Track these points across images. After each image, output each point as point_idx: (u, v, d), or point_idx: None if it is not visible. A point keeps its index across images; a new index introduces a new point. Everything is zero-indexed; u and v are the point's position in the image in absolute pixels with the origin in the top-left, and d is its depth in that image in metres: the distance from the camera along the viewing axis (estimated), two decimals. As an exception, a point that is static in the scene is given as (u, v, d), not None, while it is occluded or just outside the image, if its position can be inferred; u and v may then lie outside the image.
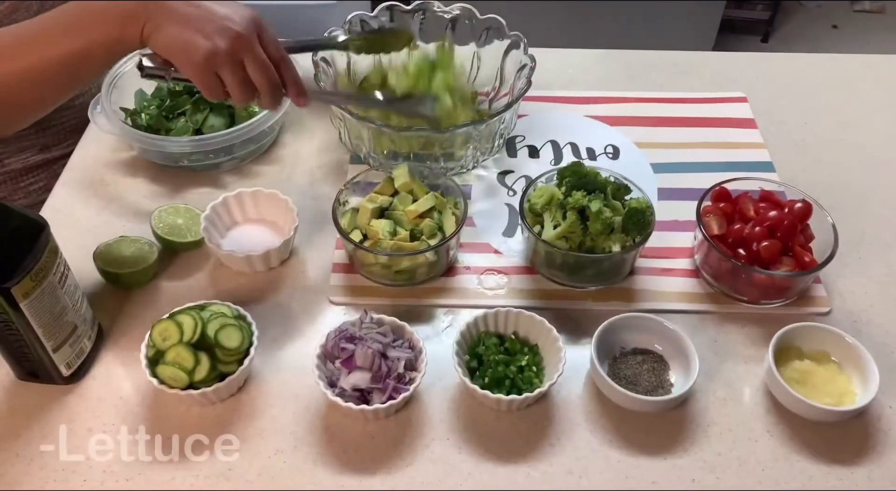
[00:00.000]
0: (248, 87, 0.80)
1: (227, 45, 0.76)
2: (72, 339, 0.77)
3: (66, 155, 1.07)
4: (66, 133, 1.14)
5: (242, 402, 0.80)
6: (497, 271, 0.92)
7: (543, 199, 0.89)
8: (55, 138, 1.14)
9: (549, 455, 0.76)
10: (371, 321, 0.81)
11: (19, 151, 1.12)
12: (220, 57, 0.76)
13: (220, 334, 0.76)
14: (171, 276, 0.91)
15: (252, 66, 0.79)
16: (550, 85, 1.18)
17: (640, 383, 0.80)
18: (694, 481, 0.75)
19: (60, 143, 1.14)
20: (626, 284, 0.91)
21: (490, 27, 1.07)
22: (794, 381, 0.79)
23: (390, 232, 0.88)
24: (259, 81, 0.80)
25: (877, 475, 0.75)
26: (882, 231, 0.98)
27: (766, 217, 0.87)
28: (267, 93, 0.81)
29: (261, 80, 0.80)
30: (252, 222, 0.96)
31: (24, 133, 1.11)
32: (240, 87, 0.79)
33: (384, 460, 0.75)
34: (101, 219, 0.97)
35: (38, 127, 0.88)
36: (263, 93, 0.81)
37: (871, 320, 0.88)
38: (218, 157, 1.01)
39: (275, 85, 0.81)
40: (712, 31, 2.46)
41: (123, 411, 0.79)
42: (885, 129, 1.13)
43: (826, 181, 1.04)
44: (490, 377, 0.78)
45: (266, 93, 0.81)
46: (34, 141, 1.13)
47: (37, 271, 0.70)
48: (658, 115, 1.14)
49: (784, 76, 1.23)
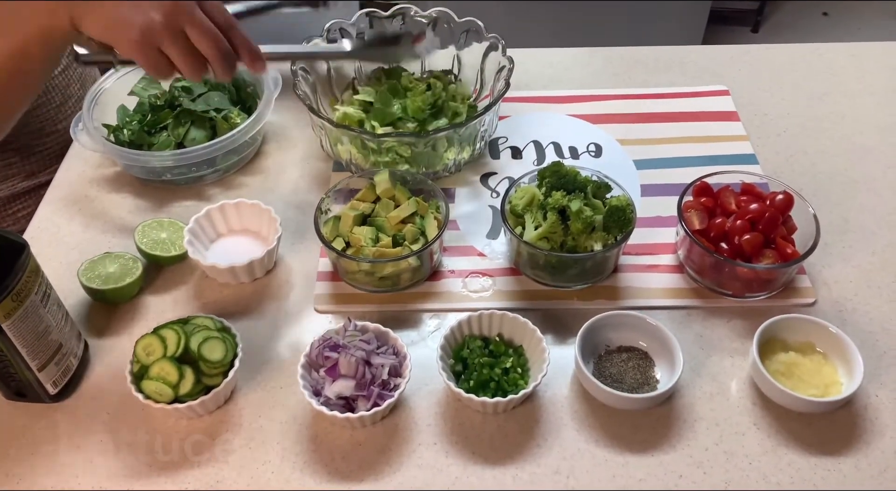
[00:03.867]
0: (195, 58, 0.74)
1: (162, 15, 0.70)
2: (57, 357, 0.78)
3: (52, 180, 1.08)
4: (52, 158, 1.14)
5: (230, 413, 0.80)
6: (482, 274, 0.92)
7: (524, 200, 0.89)
8: (40, 164, 1.15)
9: (537, 456, 0.76)
10: (355, 329, 0.81)
11: (5, 179, 1.12)
12: (158, 30, 0.71)
13: (203, 347, 0.76)
14: (156, 290, 0.91)
15: (195, 33, 0.73)
16: (532, 85, 1.18)
17: (625, 381, 0.80)
18: (682, 478, 0.75)
19: (45, 168, 1.14)
20: (610, 282, 0.91)
21: (469, 30, 1.08)
22: (780, 373, 0.79)
23: (372, 239, 0.88)
24: (206, 49, 0.74)
25: (864, 464, 0.75)
26: (866, 219, 0.98)
27: (747, 210, 0.87)
28: (217, 60, 0.75)
29: (207, 47, 0.74)
30: (236, 234, 0.96)
31: (10, 161, 1.11)
32: (186, 60, 0.73)
33: (372, 467, 0.76)
34: (85, 235, 0.98)
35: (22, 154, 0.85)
36: (213, 61, 0.75)
37: (857, 309, 0.88)
38: (201, 169, 1.01)
39: (225, 52, 0.75)
40: (701, 23, 2.46)
41: (111, 427, 0.79)
42: (869, 117, 1.13)
43: (810, 171, 1.04)
44: (475, 380, 0.78)
45: (216, 60, 0.75)
46: (19, 168, 1.13)
47: (17, 291, 0.71)
48: (640, 112, 1.14)
49: (767, 68, 1.22)
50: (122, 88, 1.08)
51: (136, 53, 0.73)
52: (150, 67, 0.74)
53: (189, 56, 0.74)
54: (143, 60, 0.73)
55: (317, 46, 0.96)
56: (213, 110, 1.04)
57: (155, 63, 0.74)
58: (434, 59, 1.11)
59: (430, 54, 1.05)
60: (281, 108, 1.08)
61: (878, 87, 1.19)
